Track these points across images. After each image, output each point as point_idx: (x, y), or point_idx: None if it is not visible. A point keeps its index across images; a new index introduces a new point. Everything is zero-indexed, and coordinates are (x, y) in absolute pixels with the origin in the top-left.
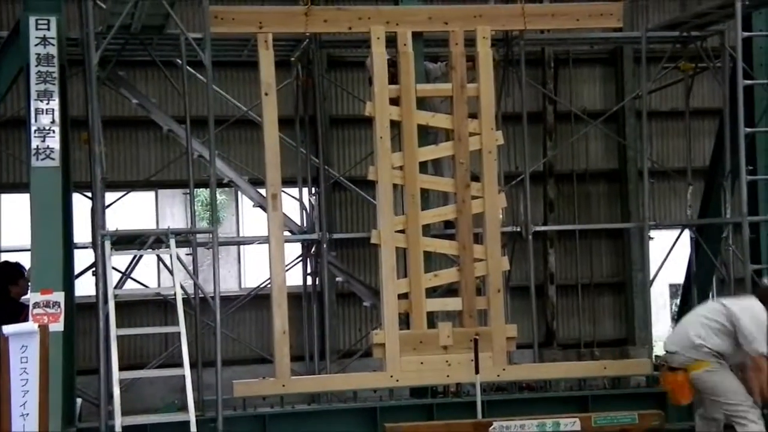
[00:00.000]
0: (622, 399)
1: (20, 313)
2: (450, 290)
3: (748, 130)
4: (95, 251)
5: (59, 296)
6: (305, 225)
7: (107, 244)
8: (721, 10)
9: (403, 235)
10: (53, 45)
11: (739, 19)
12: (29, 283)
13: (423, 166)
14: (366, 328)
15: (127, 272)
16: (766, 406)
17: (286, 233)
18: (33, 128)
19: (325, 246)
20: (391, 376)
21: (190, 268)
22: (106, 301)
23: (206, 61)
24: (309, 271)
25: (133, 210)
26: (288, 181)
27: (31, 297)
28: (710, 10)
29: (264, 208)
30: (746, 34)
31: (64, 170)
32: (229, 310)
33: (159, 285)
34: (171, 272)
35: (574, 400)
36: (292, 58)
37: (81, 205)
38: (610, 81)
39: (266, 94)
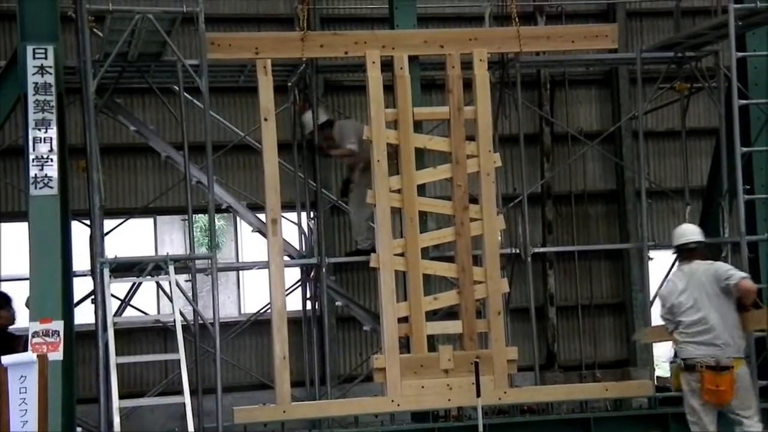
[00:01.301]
0: (624, 421)
1: (7, 342)
2: (450, 313)
3: (745, 149)
4: (94, 279)
5: (58, 325)
6: (304, 249)
7: (106, 272)
8: (715, 31)
9: (402, 259)
10: (50, 74)
11: (733, 39)
12: (14, 313)
13: (421, 189)
14: (366, 353)
15: (127, 299)
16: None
17: (285, 258)
18: (31, 157)
19: (324, 270)
20: (392, 401)
21: (190, 294)
22: (105, 329)
23: (203, 87)
24: (308, 295)
25: (131, 237)
26: (286, 206)
27: (30, 326)
28: (704, 31)
29: (263, 233)
30: (740, 54)
31: (63, 198)
32: (228, 336)
33: (158, 312)
34: (170, 299)
35: (576, 422)
36: (289, 83)
37: (80, 232)
38: (606, 102)
39: (266, 120)
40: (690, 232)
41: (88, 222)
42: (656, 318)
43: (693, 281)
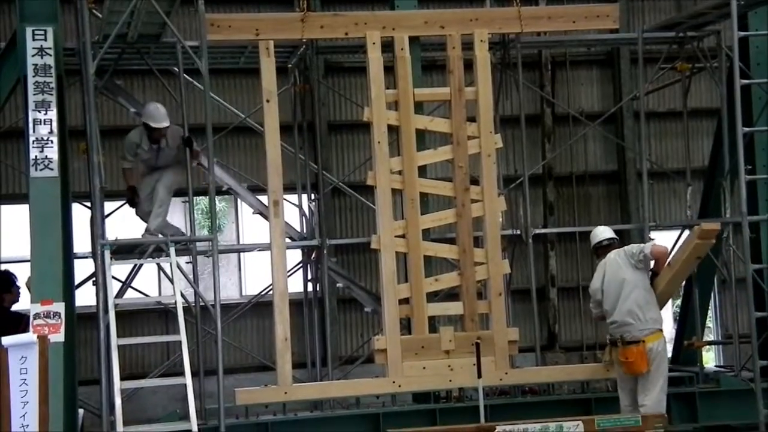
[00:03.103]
0: None
1: (14, 322)
2: (451, 294)
3: (746, 129)
4: (95, 261)
5: (59, 307)
6: (305, 231)
7: (107, 254)
8: (717, 10)
9: (403, 240)
10: (50, 55)
11: (735, 18)
12: (18, 291)
13: (422, 171)
14: (367, 334)
15: (128, 281)
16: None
17: (287, 240)
18: (31, 139)
19: (325, 252)
20: (394, 382)
21: (191, 276)
22: (106, 311)
23: (203, 69)
24: (309, 277)
25: (132, 219)
26: (287, 188)
27: (32, 308)
28: (706, 10)
29: (264, 215)
30: (742, 33)
31: (63, 180)
32: (230, 318)
33: (159, 294)
34: (171, 281)
35: (578, 402)
36: (290, 65)
37: (80, 215)
38: (607, 82)
39: (267, 101)
40: (602, 231)
41: (88, 204)
42: None
43: (608, 268)
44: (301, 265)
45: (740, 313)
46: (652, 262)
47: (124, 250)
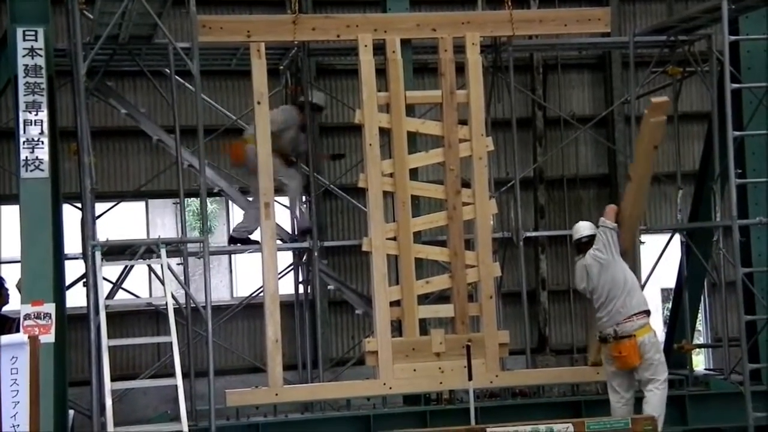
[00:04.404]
0: None
1: (2, 325)
2: (442, 297)
3: (737, 133)
4: (86, 262)
5: (50, 307)
6: (296, 233)
7: (98, 255)
8: (708, 14)
9: (395, 243)
10: (41, 56)
11: (726, 23)
12: (7, 293)
13: (413, 173)
14: (358, 336)
15: (118, 283)
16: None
17: (278, 242)
18: (22, 139)
19: (316, 254)
20: (384, 384)
21: (182, 277)
22: (97, 312)
23: (195, 70)
24: (301, 279)
25: (123, 220)
26: (278, 190)
27: (22, 308)
28: (697, 15)
29: None
30: (733, 38)
31: (54, 181)
32: (221, 319)
33: (150, 295)
34: (162, 282)
35: (568, 405)
36: (281, 67)
37: (71, 216)
38: (598, 86)
39: (259, 103)
40: (583, 227)
41: (79, 205)
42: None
43: (591, 270)
44: (292, 267)
45: (730, 317)
46: (612, 226)
47: (115, 251)
